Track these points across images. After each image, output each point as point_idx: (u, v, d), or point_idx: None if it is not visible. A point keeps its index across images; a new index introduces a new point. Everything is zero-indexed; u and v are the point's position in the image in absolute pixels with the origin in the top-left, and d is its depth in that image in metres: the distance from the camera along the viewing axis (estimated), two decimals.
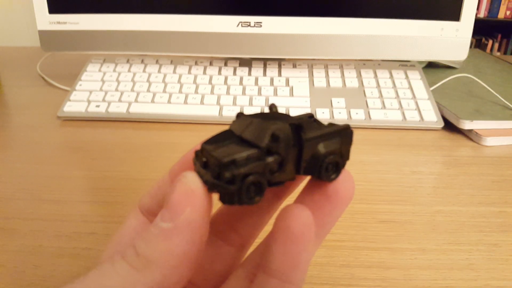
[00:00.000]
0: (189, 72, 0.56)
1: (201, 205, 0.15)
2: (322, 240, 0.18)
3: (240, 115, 0.18)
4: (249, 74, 0.56)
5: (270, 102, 0.51)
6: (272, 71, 0.56)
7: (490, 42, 0.68)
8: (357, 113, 0.50)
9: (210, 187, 0.16)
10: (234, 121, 0.18)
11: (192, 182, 0.16)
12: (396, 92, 0.53)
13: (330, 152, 0.17)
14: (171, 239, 0.15)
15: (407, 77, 0.55)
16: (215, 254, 0.19)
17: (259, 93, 0.53)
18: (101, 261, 0.18)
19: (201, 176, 0.16)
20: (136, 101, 0.51)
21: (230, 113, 0.50)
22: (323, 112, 0.50)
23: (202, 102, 0.51)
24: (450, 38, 0.52)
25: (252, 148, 0.16)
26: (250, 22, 0.53)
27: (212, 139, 0.17)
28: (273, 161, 0.16)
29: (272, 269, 0.16)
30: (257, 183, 0.16)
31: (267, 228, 0.19)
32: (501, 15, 0.65)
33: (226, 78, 0.55)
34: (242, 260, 0.20)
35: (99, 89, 0.53)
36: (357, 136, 0.46)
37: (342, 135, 0.17)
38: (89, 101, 0.51)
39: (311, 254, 0.17)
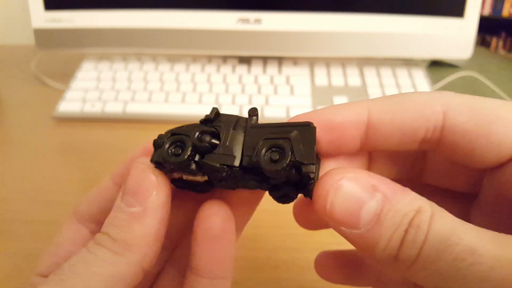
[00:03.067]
0: (187, 70, 0.55)
1: (165, 186, 0.17)
2: (243, 229, 0.19)
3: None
4: (249, 72, 0.54)
5: (270, 100, 0.50)
6: (272, 69, 0.55)
7: (495, 39, 0.67)
8: None
9: (155, 163, 0.17)
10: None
11: (150, 167, 0.17)
12: (399, 91, 0.51)
13: (272, 144, 0.16)
14: (144, 221, 0.16)
15: (410, 75, 0.54)
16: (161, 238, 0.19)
17: (259, 91, 0.51)
18: (39, 272, 0.18)
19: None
20: (132, 100, 0.50)
21: (229, 112, 0.48)
22: None
23: (200, 101, 0.50)
24: (454, 36, 0.51)
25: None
26: (249, 19, 0.52)
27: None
28: (203, 129, 0.16)
29: (199, 269, 0.17)
30: (179, 141, 0.17)
31: None
32: (505, 12, 0.64)
33: (224, 76, 0.54)
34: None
35: (94, 88, 0.52)
36: None
37: (300, 131, 0.16)
38: (84, 101, 0.50)
39: (234, 246, 0.18)
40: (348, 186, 0.14)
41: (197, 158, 0.16)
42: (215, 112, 0.17)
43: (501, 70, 0.62)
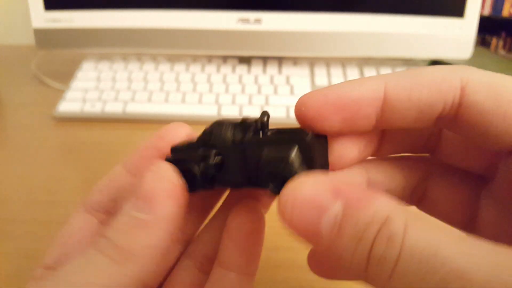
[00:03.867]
0: (187, 70, 0.55)
1: (182, 198, 0.15)
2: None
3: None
4: (249, 72, 0.54)
5: (271, 100, 0.50)
6: (272, 69, 0.55)
7: (495, 39, 0.67)
8: None
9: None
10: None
11: (170, 173, 0.15)
12: None
13: (273, 159, 0.15)
14: (151, 231, 0.14)
15: None
16: (165, 253, 0.19)
17: (259, 91, 0.51)
18: (45, 264, 0.18)
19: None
20: (132, 100, 0.50)
21: (229, 112, 0.48)
22: None
23: (200, 101, 0.50)
24: (454, 36, 0.51)
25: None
26: (249, 19, 0.52)
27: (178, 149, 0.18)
28: (203, 152, 0.16)
29: (229, 263, 0.17)
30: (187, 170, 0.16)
31: None
32: (505, 12, 0.64)
33: (224, 76, 0.54)
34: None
35: (94, 88, 0.52)
36: None
37: (300, 143, 0.15)
38: (84, 101, 0.50)
39: (262, 245, 0.18)
40: (306, 192, 0.13)
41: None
42: (208, 132, 0.17)
43: (501, 70, 0.62)
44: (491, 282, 0.10)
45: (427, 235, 0.11)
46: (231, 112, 0.48)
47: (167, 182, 0.15)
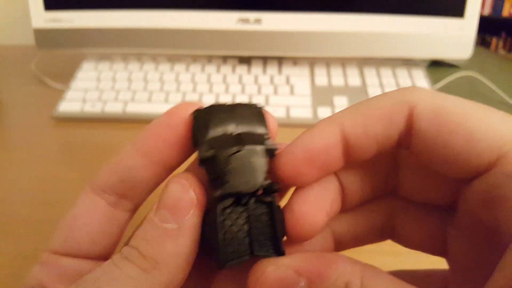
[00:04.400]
0: (187, 70, 0.55)
1: (202, 207, 0.16)
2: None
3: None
4: (249, 72, 0.54)
5: (271, 100, 0.50)
6: (272, 69, 0.55)
7: (495, 39, 0.67)
8: None
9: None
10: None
11: (193, 182, 0.16)
12: None
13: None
14: (177, 240, 0.15)
15: (410, 75, 0.54)
16: (112, 221, 0.18)
17: (259, 91, 0.51)
18: (49, 248, 0.17)
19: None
20: (132, 100, 0.50)
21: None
22: (324, 111, 0.49)
23: (200, 101, 0.50)
24: (454, 36, 0.51)
25: None
26: (249, 19, 0.52)
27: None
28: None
29: None
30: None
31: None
32: (505, 12, 0.64)
33: (224, 76, 0.54)
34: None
35: (94, 88, 0.52)
36: None
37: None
38: (84, 101, 0.50)
39: None
40: (274, 276, 0.14)
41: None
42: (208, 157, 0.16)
43: (501, 70, 0.62)
44: None
45: None
46: None
47: (189, 191, 0.16)
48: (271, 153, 0.17)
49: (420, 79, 0.53)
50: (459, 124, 0.14)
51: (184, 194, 0.15)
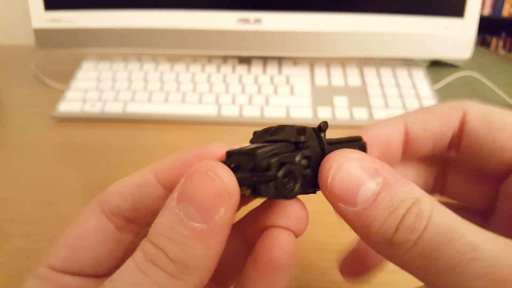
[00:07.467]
0: (187, 70, 0.55)
1: (235, 204, 0.14)
2: None
3: (255, 132, 0.18)
4: (249, 72, 0.54)
5: (271, 100, 0.50)
6: (272, 69, 0.55)
7: (495, 39, 0.67)
8: (359, 112, 0.48)
9: (245, 180, 0.15)
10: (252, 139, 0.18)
11: (225, 177, 0.14)
12: (400, 91, 0.51)
13: None
14: (207, 242, 0.14)
15: (410, 75, 0.54)
16: (118, 243, 0.18)
17: (259, 91, 0.51)
18: (48, 263, 0.17)
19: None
20: (132, 100, 0.50)
21: (229, 112, 0.48)
22: (324, 111, 0.49)
23: (200, 101, 0.50)
24: (454, 36, 0.51)
25: (281, 142, 0.16)
26: (249, 19, 0.52)
27: (234, 149, 0.17)
28: (302, 155, 0.16)
29: None
30: (291, 172, 0.15)
31: None
32: (505, 12, 0.64)
33: (225, 76, 0.54)
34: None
35: (94, 88, 0.52)
36: None
37: (357, 146, 0.18)
38: (84, 101, 0.50)
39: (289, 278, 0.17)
40: (350, 165, 0.15)
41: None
42: (301, 131, 0.16)
43: (501, 70, 0.62)
44: (498, 255, 0.12)
45: (448, 216, 0.14)
46: (231, 112, 0.48)
47: (220, 185, 0.14)
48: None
49: (420, 79, 0.53)
50: (505, 123, 0.17)
51: (214, 188, 0.14)
